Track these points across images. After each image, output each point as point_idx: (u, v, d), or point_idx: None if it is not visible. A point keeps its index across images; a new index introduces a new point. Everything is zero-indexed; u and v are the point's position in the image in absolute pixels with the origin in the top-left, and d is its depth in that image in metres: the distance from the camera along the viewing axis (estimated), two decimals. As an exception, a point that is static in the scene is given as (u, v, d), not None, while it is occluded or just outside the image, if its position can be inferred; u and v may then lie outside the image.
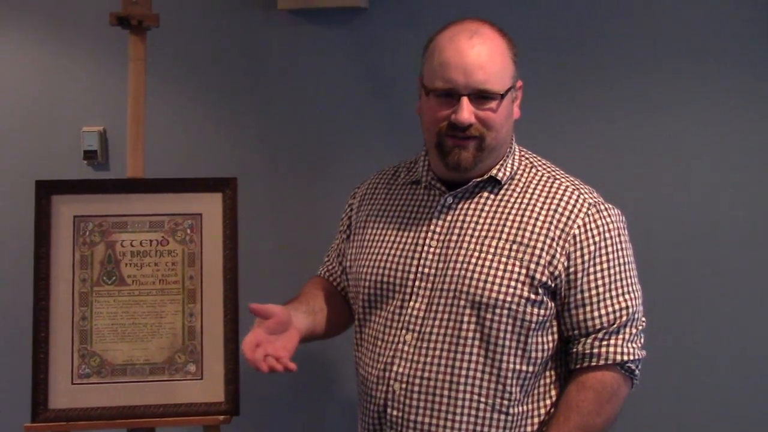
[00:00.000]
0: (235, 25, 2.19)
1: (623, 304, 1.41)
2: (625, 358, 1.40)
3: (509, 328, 1.38)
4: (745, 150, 2.01)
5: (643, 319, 1.45)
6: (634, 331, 1.42)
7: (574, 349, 1.42)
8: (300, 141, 2.20)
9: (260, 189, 2.18)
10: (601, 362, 1.40)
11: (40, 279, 1.75)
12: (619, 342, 1.40)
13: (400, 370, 1.41)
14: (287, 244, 2.17)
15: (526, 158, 1.51)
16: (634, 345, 1.42)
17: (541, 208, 1.42)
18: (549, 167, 1.51)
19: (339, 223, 1.68)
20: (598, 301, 1.40)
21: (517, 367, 1.39)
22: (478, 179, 1.45)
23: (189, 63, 2.20)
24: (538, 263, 1.38)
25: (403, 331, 1.42)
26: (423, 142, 1.53)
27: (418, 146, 1.56)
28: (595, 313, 1.40)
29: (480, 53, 1.37)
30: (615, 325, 1.40)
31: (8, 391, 2.10)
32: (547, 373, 1.45)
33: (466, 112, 1.37)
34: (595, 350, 1.40)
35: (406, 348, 1.41)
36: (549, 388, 1.45)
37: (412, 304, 1.43)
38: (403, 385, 1.40)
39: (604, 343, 1.40)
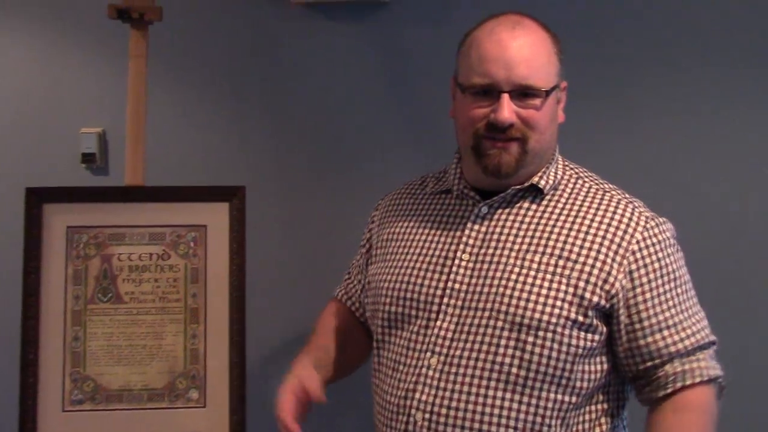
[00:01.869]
0: (245, 19, 2.18)
1: (702, 323, 1.38)
2: (718, 372, 1.36)
3: (553, 354, 1.32)
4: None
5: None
6: (714, 347, 1.39)
7: (661, 373, 1.36)
8: (313, 146, 2.17)
9: (270, 199, 2.15)
10: (697, 379, 1.34)
11: (30, 295, 1.73)
12: (707, 358, 1.37)
13: (423, 398, 1.35)
14: (299, 259, 2.14)
15: (571, 168, 1.48)
16: (717, 362, 1.39)
17: (591, 221, 1.38)
18: (596, 179, 1.47)
19: (360, 238, 1.65)
20: (675, 324, 1.36)
21: (558, 397, 1.34)
22: (518, 186, 1.41)
23: (194, 60, 2.18)
24: (588, 281, 1.34)
25: (428, 354, 1.37)
26: (450, 149, 1.49)
27: (442, 152, 1.53)
28: (675, 337, 1.35)
29: (522, 46, 1.34)
30: (700, 345, 1.36)
31: (-7, 418, 2.09)
32: (592, 407, 1.39)
33: (507, 110, 1.34)
34: (687, 367, 1.35)
35: (430, 373, 1.36)
36: (593, 425, 1.39)
37: (438, 323, 1.38)
38: (426, 415, 1.35)
39: (694, 358, 1.35)
